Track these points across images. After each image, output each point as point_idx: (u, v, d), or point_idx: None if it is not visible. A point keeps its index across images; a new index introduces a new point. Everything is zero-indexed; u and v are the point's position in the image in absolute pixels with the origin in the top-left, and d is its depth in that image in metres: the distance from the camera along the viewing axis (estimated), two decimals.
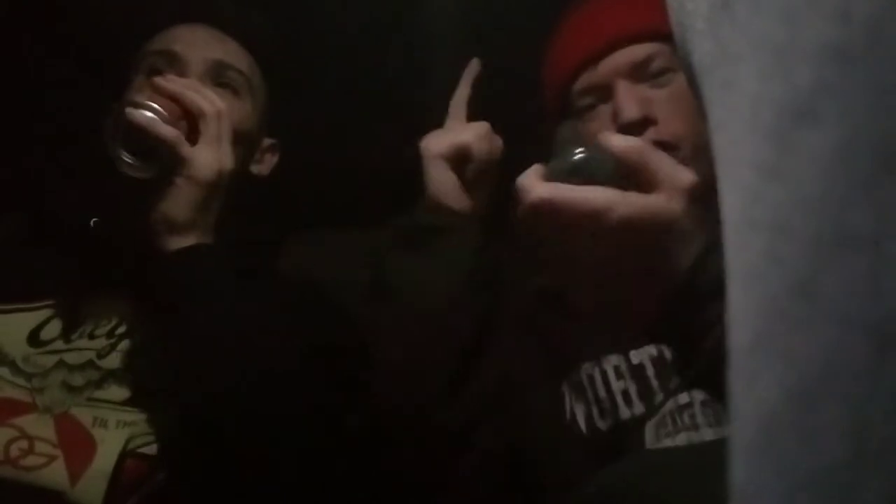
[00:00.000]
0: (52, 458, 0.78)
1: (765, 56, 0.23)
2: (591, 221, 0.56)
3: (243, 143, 1.01)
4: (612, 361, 0.86)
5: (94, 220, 0.96)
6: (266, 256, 1.05)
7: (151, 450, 0.80)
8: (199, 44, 1.01)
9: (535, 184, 0.58)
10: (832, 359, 0.19)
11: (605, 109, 0.93)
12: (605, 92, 0.94)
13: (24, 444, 0.78)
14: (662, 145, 0.83)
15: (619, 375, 0.85)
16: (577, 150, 0.61)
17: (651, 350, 0.84)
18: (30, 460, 0.78)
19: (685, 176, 0.58)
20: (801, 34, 0.22)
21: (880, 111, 0.19)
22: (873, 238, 0.19)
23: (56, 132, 1.23)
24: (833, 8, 0.21)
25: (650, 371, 0.83)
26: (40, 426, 0.80)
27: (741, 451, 0.21)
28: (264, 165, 1.10)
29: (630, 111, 0.89)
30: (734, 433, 0.22)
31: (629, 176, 0.58)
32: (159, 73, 0.98)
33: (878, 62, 0.20)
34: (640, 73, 0.92)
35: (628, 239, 0.56)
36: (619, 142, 0.60)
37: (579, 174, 0.59)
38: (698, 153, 0.87)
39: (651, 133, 0.88)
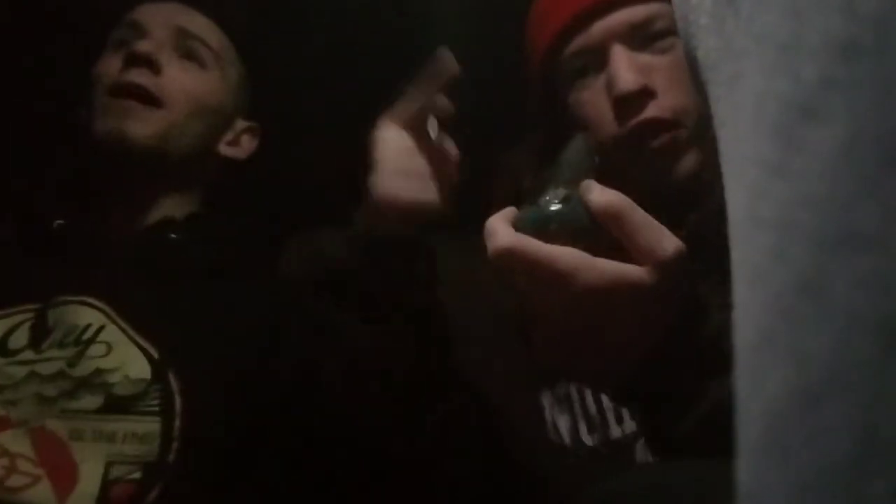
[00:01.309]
0: (37, 478, 0.75)
1: (770, 52, 0.23)
2: (552, 283, 0.51)
3: (209, 117, 1.00)
4: None
5: (58, 222, 0.95)
6: (265, 255, 1.04)
7: (136, 476, 0.77)
8: (162, 14, 1.01)
9: (500, 230, 0.53)
10: (839, 357, 0.19)
11: (598, 79, 0.83)
12: (598, 58, 0.82)
13: (6, 461, 0.75)
14: (664, 123, 0.78)
15: None
16: (557, 196, 0.56)
17: None
18: (14, 480, 0.75)
19: (667, 245, 0.51)
20: (806, 29, 0.22)
21: (887, 108, 0.19)
22: (879, 235, 0.19)
23: (23, 131, 1.22)
24: (839, 3, 0.21)
25: None
26: (18, 442, 0.77)
27: (748, 449, 0.21)
28: (241, 149, 1.07)
29: (626, 81, 0.78)
30: (740, 432, 0.22)
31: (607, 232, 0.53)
32: (124, 44, 0.98)
33: (885, 58, 0.19)
34: (638, 36, 0.81)
35: (592, 304, 0.52)
36: (598, 197, 0.53)
37: (553, 222, 0.54)
38: (703, 129, 0.79)
39: (651, 108, 0.79)
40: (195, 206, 1.02)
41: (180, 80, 0.97)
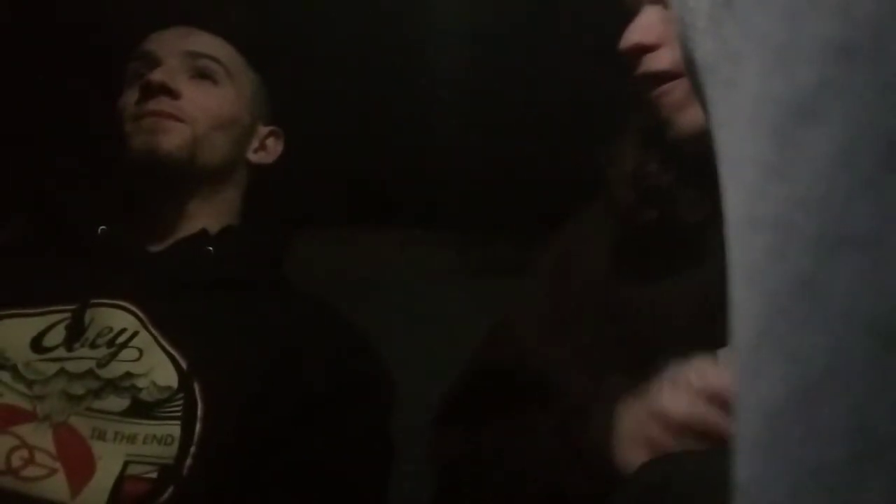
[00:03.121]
0: (53, 471, 0.77)
1: (767, 54, 0.23)
2: None
3: (230, 129, 1.04)
4: None
5: (102, 227, 0.98)
6: (276, 260, 1.05)
7: (152, 475, 0.79)
8: (170, 40, 1.05)
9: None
10: (835, 356, 0.19)
11: None
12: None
13: (24, 453, 0.78)
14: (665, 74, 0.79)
15: None
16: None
17: None
18: (30, 471, 0.77)
19: None
20: (802, 32, 0.22)
21: (883, 109, 0.19)
22: (876, 236, 0.19)
23: (65, 137, 1.25)
24: (835, 5, 0.21)
25: None
26: (39, 436, 0.79)
27: (745, 447, 0.21)
28: (268, 153, 1.11)
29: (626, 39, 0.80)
30: (738, 430, 0.22)
31: None
32: (141, 76, 1.02)
33: (880, 60, 0.20)
34: None
35: None
36: None
37: None
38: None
39: (649, 61, 0.80)
40: (232, 219, 1.05)
41: (196, 99, 1.01)
